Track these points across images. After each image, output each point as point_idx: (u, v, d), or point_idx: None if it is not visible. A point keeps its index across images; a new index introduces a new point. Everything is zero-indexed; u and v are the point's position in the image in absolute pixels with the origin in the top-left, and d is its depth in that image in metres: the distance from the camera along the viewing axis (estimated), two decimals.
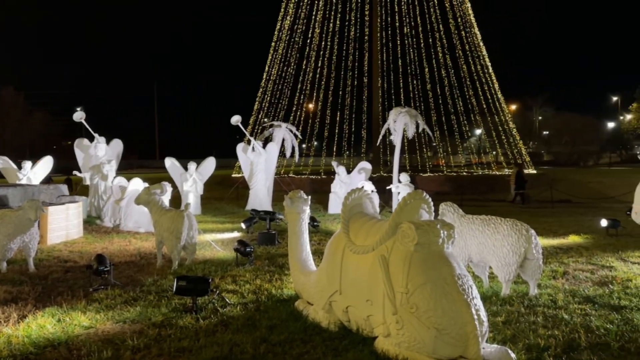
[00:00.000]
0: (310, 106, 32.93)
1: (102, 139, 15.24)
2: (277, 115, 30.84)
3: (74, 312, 5.64)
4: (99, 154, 14.93)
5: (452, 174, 28.23)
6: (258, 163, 15.96)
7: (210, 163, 15.92)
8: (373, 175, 18.80)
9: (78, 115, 15.48)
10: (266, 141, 17.17)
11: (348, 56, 31.10)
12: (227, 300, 6.06)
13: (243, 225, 11.51)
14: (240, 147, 16.74)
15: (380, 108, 30.16)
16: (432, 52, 30.16)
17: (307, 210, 6.06)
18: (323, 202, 16.61)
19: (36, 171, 14.99)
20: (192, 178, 15.18)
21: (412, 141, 24.42)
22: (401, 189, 14.46)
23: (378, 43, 30.42)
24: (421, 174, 26.60)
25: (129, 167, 48.50)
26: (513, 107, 54.58)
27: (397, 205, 4.70)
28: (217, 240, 10.55)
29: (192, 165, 15.32)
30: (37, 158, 15.47)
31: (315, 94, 31.42)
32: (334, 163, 16.82)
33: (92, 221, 13.30)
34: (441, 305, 4.07)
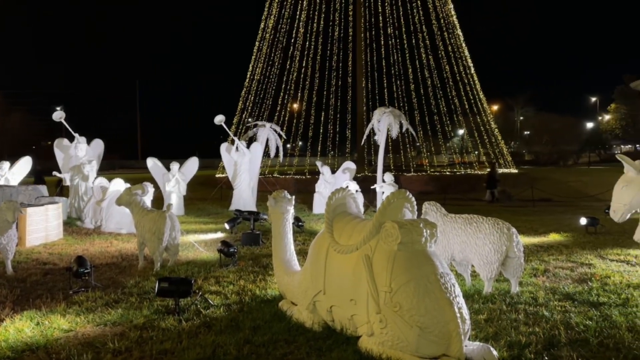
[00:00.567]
0: (294, 106, 32.90)
1: (83, 139, 14.99)
2: (262, 115, 30.75)
3: (53, 315, 5.53)
4: (80, 154, 14.68)
5: (436, 174, 28.48)
6: (242, 163, 15.88)
7: (193, 163, 15.79)
8: (357, 175, 18.85)
9: (58, 114, 15.20)
10: (250, 141, 17.09)
11: (332, 56, 31.17)
12: (210, 301, 6.01)
13: (227, 225, 11.44)
14: (223, 147, 16.63)
15: (364, 108, 30.27)
16: (416, 53, 30.42)
17: (291, 210, 6.05)
18: (307, 202, 16.61)
19: (14, 172, 14.67)
20: (175, 178, 15.03)
21: (396, 141, 24.56)
22: (385, 189, 14.53)
23: (362, 43, 30.53)
24: (405, 174, 26.78)
25: (111, 168, 47.84)
26: (495, 108, 55.35)
27: (381, 204, 4.72)
28: (200, 241, 10.47)
29: (175, 165, 15.18)
30: (16, 158, 15.13)
31: (299, 94, 31.42)
32: (318, 163, 16.83)
33: (73, 222, 13.08)
34: (424, 303, 4.10)
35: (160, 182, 15.37)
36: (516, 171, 30.77)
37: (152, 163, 15.63)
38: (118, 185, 12.13)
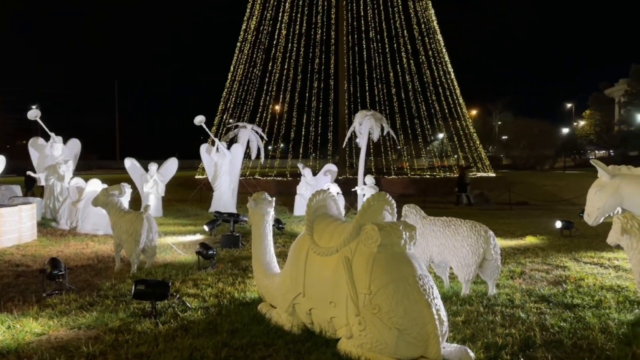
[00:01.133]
0: (276, 107, 32.81)
1: (59, 139, 14.67)
2: (243, 116, 30.58)
3: (25, 319, 5.39)
4: (55, 154, 14.36)
5: (416, 177, 28.73)
6: (222, 164, 15.75)
7: (172, 164, 15.59)
8: (339, 177, 18.90)
9: (33, 113, 14.84)
10: (231, 142, 16.96)
11: (314, 58, 31.20)
12: (188, 304, 5.93)
13: (206, 227, 11.32)
14: (203, 148, 16.48)
15: (346, 111, 30.36)
16: (397, 57, 30.69)
17: (272, 212, 6.02)
18: (289, 204, 16.56)
19: None
20: (153, 179, 14.82)
21: (378, 144, 24.70)
22: (366, 191, 14.58)
23: (344, 46, 30.64)
24: (386, 177, 26.94)
25: (88, 168, 46.90)
26: (474, 112, 56.19)
27: (361, 207, 4.73)
28: (179, 243, 10.33)
29: (153, 166, 14.97)
30: None
31: (281, 96, 31.36)
32: (300, 165, 16.81)
33: (47, 224, 12.79)
34: (403, 305, 4.12)
35: (138, 183, 15.15)
36: (494, 175, 31.26)
37: (130, 163, 15.40)
38: (95, 185, 11.90)
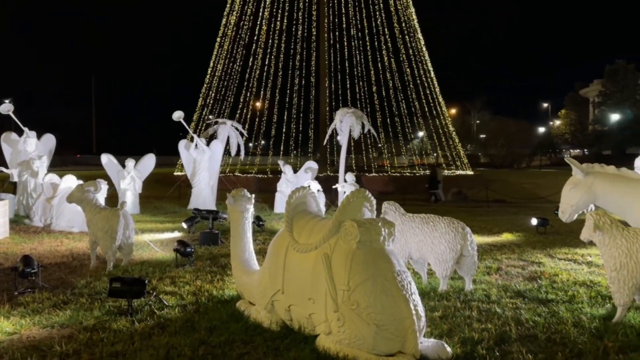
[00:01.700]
0: (257, 104, 32.61)
1: (32, 134, 14.29)
2: (223, 112, 30.31)
3: None
4: (29, 149, 13.98)
5: (396, 175, 28.93)
6: (201, 161, 15.57)
7: (149, 160, 15.35)
8: (319, 174, 18.89)
9: (5, 107, 14.42)
10: (210, 138, 16.79)
11: (296, 55, 31.10)
12: (165, 302, 5.86)
13: (184, 224, 11.19)
14: (182, 144, 16.27)
15: (327, 108, 30.37)
16: (378, 55, 30.83)
17: (251, 209, 5.98)
18: (269, 202, 16.50)
19: None
20: (130, 176, 14.58)
21: (358, 142, 24.81)
22: (347, 188, 14.64)
23: (325, 44, 30.62)
24: (367, 174, 27.06)
25: (63, 164, 45.87)
26: (453, 111, 56.88)
27: (340, 203, 4.73)
28: (156, 240, 10.19)
29: (130, 162, 14.73)
30: None
31: (262, 92, 31.18)
32: (281, 162, 16.76)
33: (20, 221, 12.47)
34: (381, 301, 4.14)
35: (115, 180, 14.88)
36: (472, 173, 31.70)
37: (107, 159, 15.12)
38: (69, 182, 11.66)
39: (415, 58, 31.14)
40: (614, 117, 55.94)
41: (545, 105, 73.69)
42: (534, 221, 11.60)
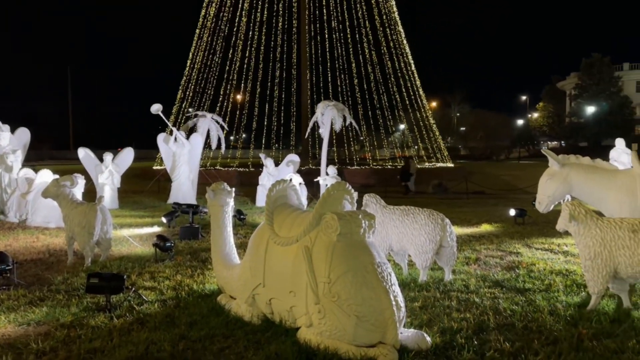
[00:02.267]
0: (237, 97, 32.32)
1: (6, 127, 13.84)
2: (203, 105, 29.96)
3: None
4: (2, 144, 13.55)
5: (378, 167, 29.06)
6: (181, 154, 15.38)
7: (128, 154, 15.10)
8: (301, 167, 18.86)
9: None
10: (191, 132, 16.59)
11: (276, 47, 30.88)
12: (144, 297, 5.79)
13: (164, 219, 11.06)
14: (161, 138, 16.03)
15: (308, 101, 30.28)
16: (359, 48, 30.81)
17: (231, 202, 5.93)
18: (251, 195, 16.42)
19: None
20: (108, 170, 14.33)
21: (340, 135, 24.84)
22: (329, 182, 14.62)
23: (306, 36, 30.46)
24: (349, 167, 27.12)
25: (39, 158, 44.85)
26: (433, 104, 57.33)
27: (321, 196, 4.73)
28: (136, 235, 10.05)
29: (108, 156, 14.47)
30: None
31: (243, 85, 30.90)
32: (262, 155, 16.66)
33: None
34: (361, 293, 4.16)
35: (92, 174, 14.60)
36: (452, 165, 32.04)
37: (84, 153, 14.82)
38: (45, 176, 11.40)
39: (396, 51, 31.23)
40: (590, 110, 57.15)
41: (523, 98, 74.80)
42: (512, 212, 11.80)
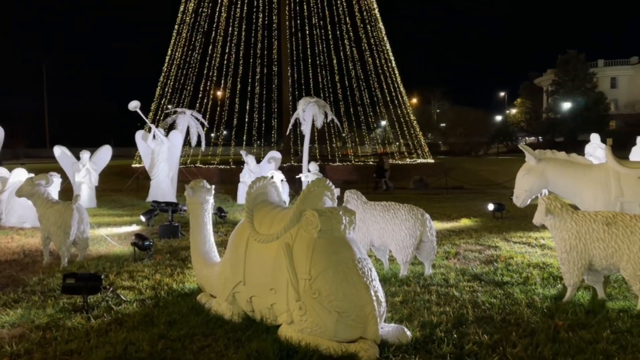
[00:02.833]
0: (218, 93, 31.99)
1: None
2: (182, 101, 29.59)
3: None
4: None
5: (360, 164, 29.16)
6: (160, 152, 15.17)
7: (105, 152, 14.84)
8: (283, 164, 18.80)
9: None
10: (170, 129, 16.38)
11: (257, 43, 30.65)
12: (123, 297, 5.69)
13: (143, 217, 10.90)
14: (139, 135, 15.80)
15: (290, 97, 30.17)
16: (340, 45, 30.79)
17: (211, 200, 5.87)
18: (232, 193, 16.31)
19: None
20: (85, 168, 14.06)
21: (322, 131, 24.84)
22: (310, 178, 14.62)
23: (287, 32, 30.32)
24: (330, 164, 27.15)
25: (15, 157, 43.78)
26: (414, 101, 57.79)
27: (301, 193, 4.71)
28: (114, 234, 9.89)
29: (85, 154, 14.19)
30: None
31: (223, 81, 30.60)
32: (243, 152, 16.54)
33: None
34: (342, 289, 4.17)
35: (69, 172, 14.32)
36: (432, 161, 32.36)
37: (60, 152, 14.51)
38: (19, 175, 11.14)
39: (377, 48, 31.33)
40: (566, 106, 58.32)
41: (501, 94, 75.95)
42: (491, 206, 11.97)
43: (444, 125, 69.71)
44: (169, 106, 28.29)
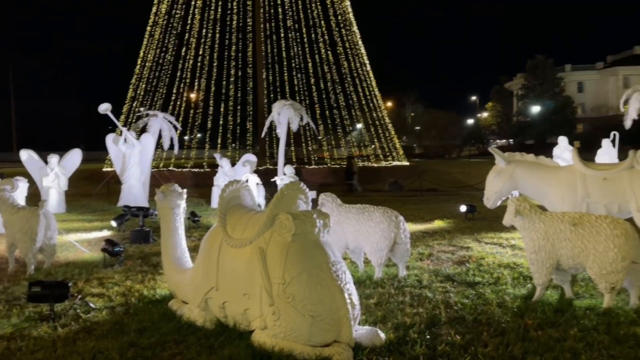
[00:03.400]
0: (191, 96, 31.58)
1: None
2: (154, 104, 29.10)
3: None
4: None
5: (336, 166, 29.24)
6: (131, 155, 14.86)
7: (75, 156, 14.48)
8: (259, 167, 18.69)
9: None
10: (142, 132, 16.07)
11: (231, 45, 30.40)
12: (92, 304, 5.55)
13: (114, 223, 10.65)
14: (109, 138, 15.46)
15: (265, 100, 30.03)
16: (315, 48, 30.84)
17: (182, 204, 5.78)
18: (206, 196, 16.11)
19: None
20: (54, 172, 13.69)
21: (298, 134, 24.82)
22: (286, 181, 14.55)
23: (262, 34, 30.19)
24: (306, 166, 27.13)
25: None
26: (389, 104, 58.37)
27: (275, 196, 4.68)
28: (83, 240, 9.64)
29: (54, 158, 13.83)
30: None
31: (197, 83, 30.23)
32: (217, 155, 16.36)
33: None
34: (316, 292, 4.15)
35: (36, 177, 13.92)
36: (407, 164, 32.71)
37: (27, 156, 14.11)
38: None
39: (352, 51, 31.49)
40: (535, 109, 59.87)
41: (473, 98, 77.43)
42: (463, 208, 12.16)
43: (418, 128, 70.60)
44: (141, 109, 27.82)
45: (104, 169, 26.27)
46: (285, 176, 14.84)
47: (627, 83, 58.25)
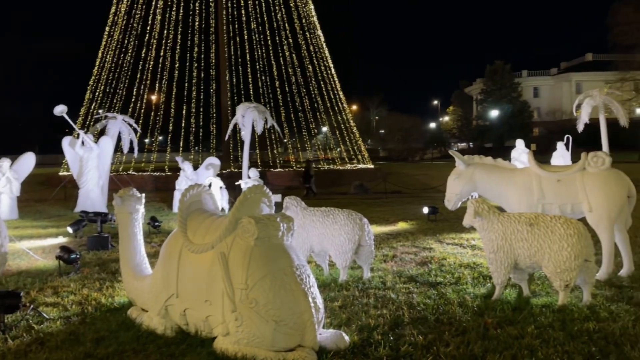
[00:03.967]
0: (152, 98, 30.87)
1: None
2: (113, 106, 28.26)
3: None
4: None
5: (301, 169, 29.21)
6: (89, 159, 14.36)
7: (28, 160, 13.87)
8: (223, 171, 18.43)
9: None
10: (100, 134, 15.56)
11: (194, 46, 29.93)
12: (45, 314, 5.30)
13: (70, 229, 10.23)
14: (66, 141, 14.87)
15: (229, 102, 29.70)
16: (280, 50, 30.78)
17: (141, 209, 5.62)
18: (168, 201, 15.75)
19: None
20: (6, 177, 13.08)
21: (263, 137, 24.64)
22: (250, 184, 14.41)
23: (224, 36, 29.88)
24: (272, 169, 26.98)
25: None
26: (353, 107, 58.91)
27: (237, 200, 4.61)
28: (37, 247, 9.22)
29: (5, 162, 13.21)
30: None
31: (158, 85, 29.57)
32: (179, 159, 16.02)
33: None
34: (280, 297, 4.11)
35: None
36: (372, 166, 33.07)
37: None
38: None
39: (316, 54, 31.61)
40: (494, 113, 61.81)
41: (435, 102, 79.21)
42: (426, 210, 12.39)
43: (383, 131, 71.58)
44: (100, 111, 26.96)
45: (60, 173, 25.32)
46: (249, 179, 14.69)
47: (580, 89, 60.97)
